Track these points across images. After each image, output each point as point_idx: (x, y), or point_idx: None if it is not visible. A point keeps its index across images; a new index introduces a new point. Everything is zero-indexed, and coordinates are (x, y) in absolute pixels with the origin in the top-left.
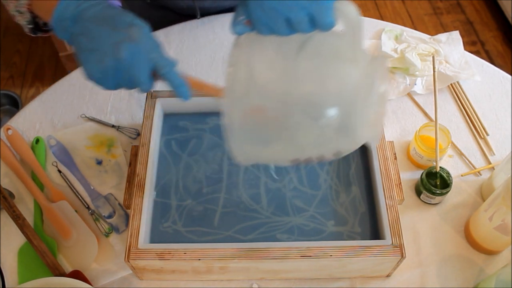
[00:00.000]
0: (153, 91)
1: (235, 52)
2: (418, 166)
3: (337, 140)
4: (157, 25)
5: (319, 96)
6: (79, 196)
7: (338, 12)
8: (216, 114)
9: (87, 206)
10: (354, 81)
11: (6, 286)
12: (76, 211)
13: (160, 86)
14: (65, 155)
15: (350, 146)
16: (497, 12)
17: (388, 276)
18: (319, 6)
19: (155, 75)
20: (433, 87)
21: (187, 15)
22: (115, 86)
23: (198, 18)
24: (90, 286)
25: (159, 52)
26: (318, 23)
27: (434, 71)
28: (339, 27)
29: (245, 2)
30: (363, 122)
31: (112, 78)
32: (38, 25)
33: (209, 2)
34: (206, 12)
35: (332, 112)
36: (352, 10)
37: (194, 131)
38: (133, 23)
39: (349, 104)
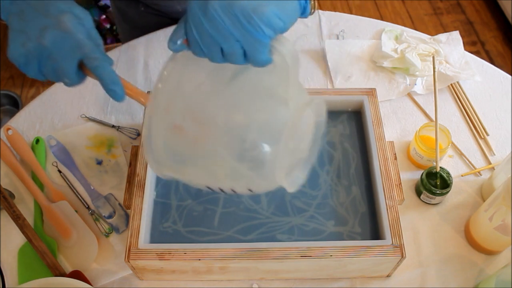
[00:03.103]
0: None
1: (169, 66)
2: (418, 166)
3: (252, 178)
4: (153, 31)
5: (240, 130)
6: (79, 196)
7: (274, 49)
8: None
9: (87, 206)
10: (281, 120)
11: (6, 286)
12: (76, 211)
13: None
14: (65, 155)
15: (264, 186)
16: (497, 12)
17: (388, 276)
18: (255, 42)
19: (85, 70)
20: (433, 87)
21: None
22: (38, 74)
23: None
24: (90, 286)
25: (92, 45)
26: (251, 58)
27: (434, 71)
28: (274, 64)
29: (186, 19)
30: (283, 165)
31: (34, 65)
32: None
33: None
34: None
35: (250, 149)
36: (288, 49)
37: None
38: (69, 10)
39: (270, 145)
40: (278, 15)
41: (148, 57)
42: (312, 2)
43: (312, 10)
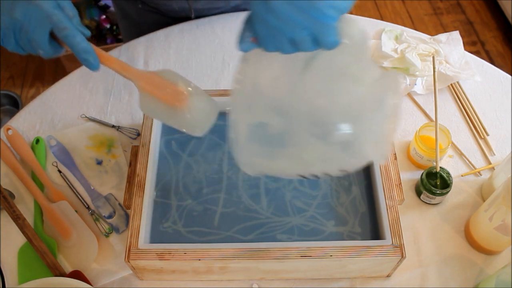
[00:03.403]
0: None
1: (243, 67)
2: (418, 166)
3: (343, 158)
4: (151, 29)
5: (324, 114)
6: (79, 196)
7: (342, 30)
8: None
9: (87, 206)
10: (360, 98)
11: (6, 286)
12: (76, 211)
13: None
14: (65, 155)
15: (356, 164)
16: (497, 12)
17: (388, 276)
18: (321, 26)
19: (60, 41)
20: (433, 87)
21: (179, 17)
22: (17, 47)
23: (193, 19)
24: (90, 286)
25: (62, 16)
26: (321, 42)
27: (434, 71)
28: (344, 44)
29: (250, 19)
30: (370, 140)
31: (11, 38)
32: None
33: (203, 2)
34: (200, 14)
35: (337, 130)
36: (356, 28)
37: None
38: None
39: (355, 122)
40: None
41: (148, 57)
42: None
43: None
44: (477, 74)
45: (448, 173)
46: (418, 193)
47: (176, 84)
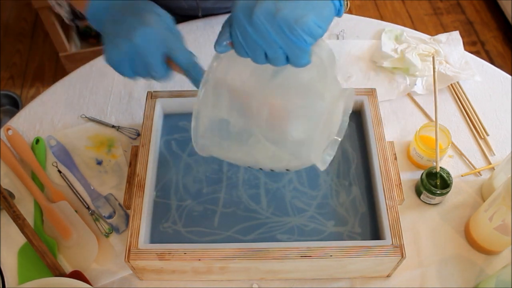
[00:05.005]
0: (153, 91)
1: (214, 64)
2: (418, 166)
3: (290, 160)
4: None
5: (281, 121)
6: (79, 196)
7: (312, 52)
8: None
9: (87, 206)
10: (318, 113)
11: (6, 286)
12: (76, 211)
13: (159, 86)
14: (65, 155)
15: (300, 166)
16: (497, 12)
17: (388, 276)
18: (297, 49)
19: (171, 64)
20: (433, 87)
21: (187, 16)
22: (132, 73)
23: (200, 17)
24: (90, 286)
25: (174, 38)
26: (293, 62)
27: (434, 71)
28: (313, 63)
29: (231, 24)
30: (316, 148)
31: (128, 64)
32: (76, 14)
33: (212, 2)
34: (207, 13)
35: (290, 139)
36: (326, 50)
37: None
38: (152, 10)
39: (307, 134)
40: (317, 24)
41: None
42: (345, 2)
43: (346, 10)
44: (477, 74)
45: (448, 173)
46: (418, 193)
47: None
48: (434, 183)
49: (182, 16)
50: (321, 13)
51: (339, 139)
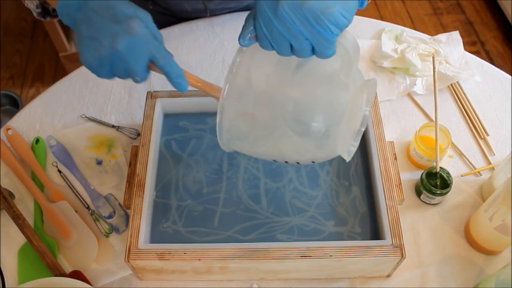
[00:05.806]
0: (153, 91)
1: (238, 59)
2: (418, 166)
3: (315, 153)
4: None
5: (307, 113)
6: (79, 196)
7: (338, 43)
8: (216, 114)
9: (87, 206)
10: (343, 104)
11: (6, 286)
12: (76, 211)
13: (159, 84)
14: (65, 155)
15: (326, 157)
16: (497, 12)
17: (388, 276)
18: (323, 40)
19: (151, 66)
20: (433, 87)
21: (191, 18)
22: (109, 75)
23: (208, 16)
24: (90, 286)
25: (157, 44)
26: (319, 53)
27: (434, 71)
28: (338, 53)
29: (255, 17)
30: (341, 140)
31: (107, 68)
32: (47, 10)
33: (216, 2)
34: (213, 14)
35: (316, 131)
36: (350, 41)
37: (194, 131)
38: (134, 15)
39: (333, 126)
40: (343, 14)
41: None
42: None
43: (368, 1)
44: (477, 74)
45: (448, 173)
46: (418, 193)
47: None
48: (434, 183)
49: (187, 19)
50: (347, 3)
51: (363, 129)
